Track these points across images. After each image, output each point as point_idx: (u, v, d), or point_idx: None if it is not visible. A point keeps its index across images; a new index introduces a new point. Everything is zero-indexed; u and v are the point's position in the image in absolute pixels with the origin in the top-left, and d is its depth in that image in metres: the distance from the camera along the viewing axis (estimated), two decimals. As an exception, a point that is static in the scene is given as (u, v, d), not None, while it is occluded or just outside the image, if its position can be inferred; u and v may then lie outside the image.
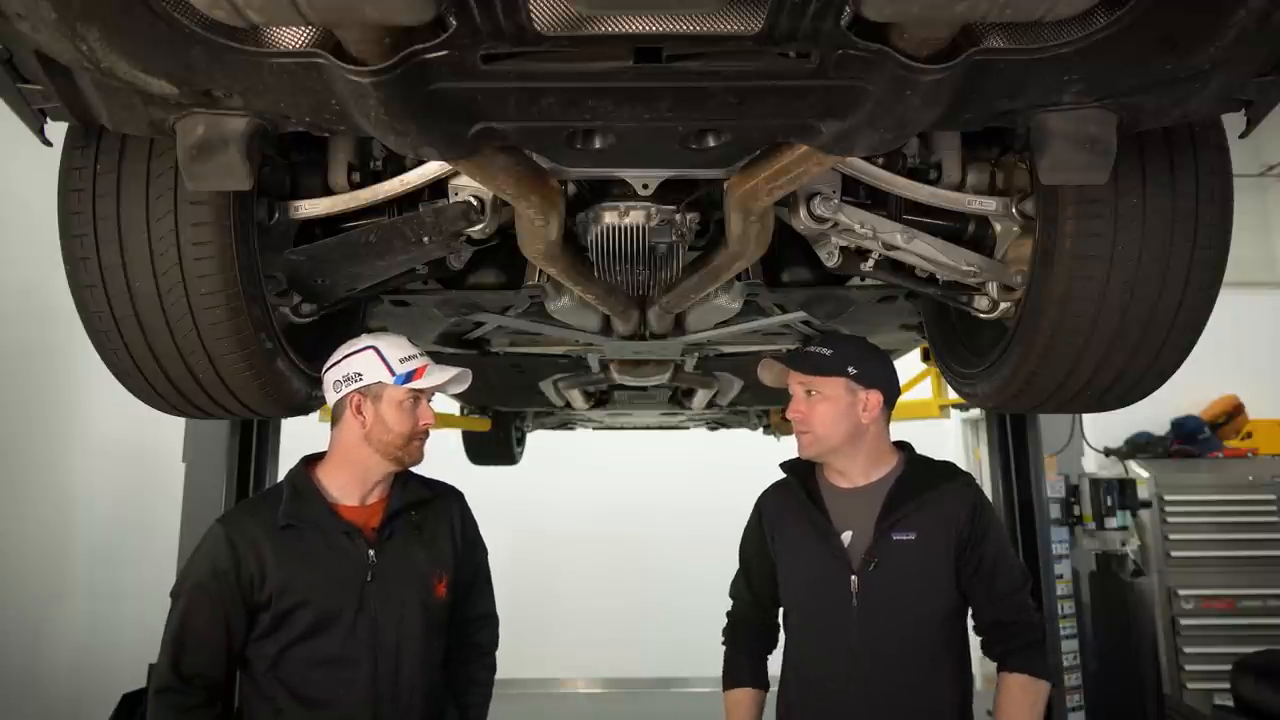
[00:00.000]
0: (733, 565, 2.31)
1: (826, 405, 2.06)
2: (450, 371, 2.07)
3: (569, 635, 8.00)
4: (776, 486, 2.26)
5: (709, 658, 2.48)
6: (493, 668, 2.26)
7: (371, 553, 1.99)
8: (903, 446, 2.19)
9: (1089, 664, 4.27)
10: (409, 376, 2.00)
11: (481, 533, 2.28)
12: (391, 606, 1.98)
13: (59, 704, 5.99)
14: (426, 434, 2.07)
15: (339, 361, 2.03)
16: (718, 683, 2.25)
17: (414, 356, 2.03)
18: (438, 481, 2.23)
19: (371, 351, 2.00)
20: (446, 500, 2.20)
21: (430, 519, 2.12)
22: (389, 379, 1.98)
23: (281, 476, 2.15)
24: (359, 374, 1.99)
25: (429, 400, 2.08)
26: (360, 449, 2.02)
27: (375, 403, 1.99)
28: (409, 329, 2.67)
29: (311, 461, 2.10)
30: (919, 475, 2.11)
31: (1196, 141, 1.69)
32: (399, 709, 1.96)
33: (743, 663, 2.22)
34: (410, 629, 2.00)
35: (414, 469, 2.14)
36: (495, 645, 2.28)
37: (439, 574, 2.08)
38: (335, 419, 2.05)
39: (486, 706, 2.24)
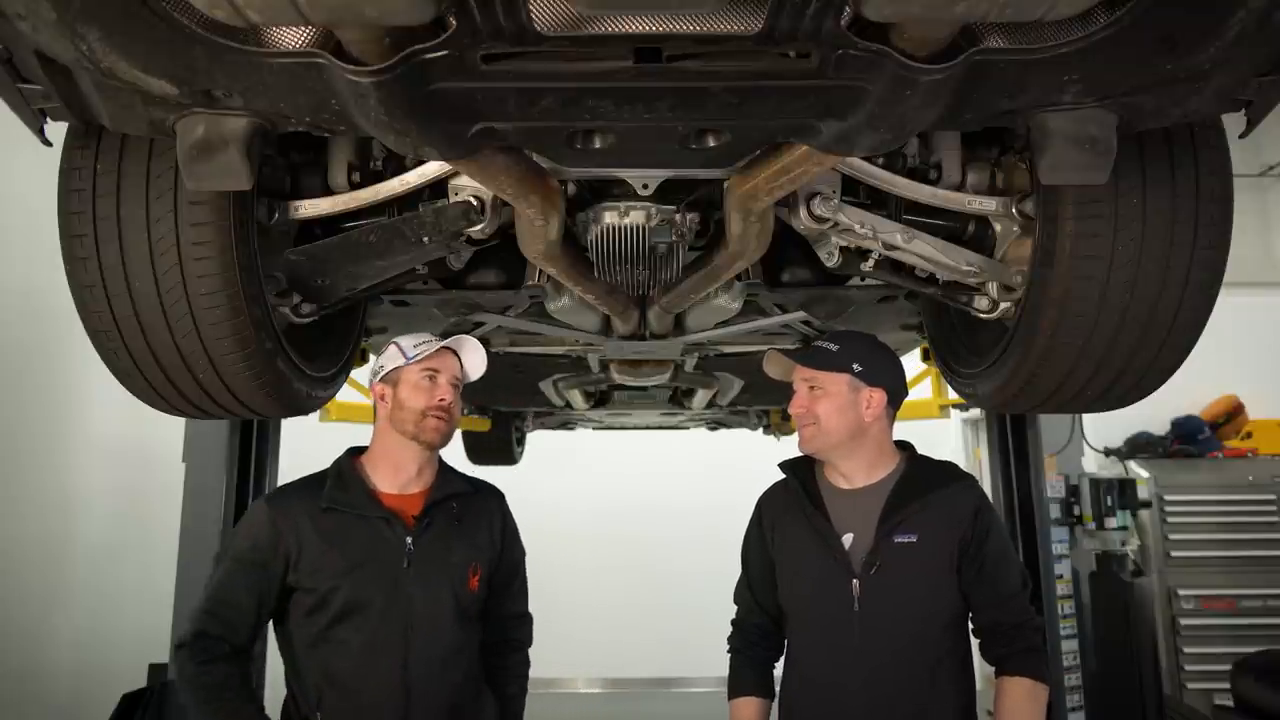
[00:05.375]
0: (732, 565, 2.30)
1: (828, 401, 2.04)
2: (456, 341, 2.19)
3: (569, 635, 7.98)
4: (776, 486, 2.24)
5: (709, 658, 2.48)
6: (528, 662, 2.36)
7: (409, 540, 2.06)
8: (904, 447, 2.17)
9: (1089, 664, 4.27)
10: (420, 358, 2.13)
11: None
12: (424, 595, 2.04)
13: (59, 704, 5.98)
14: (444, 414, 2.13)
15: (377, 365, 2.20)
16: (718, 683, 2.24)
17: (427, 342, 2.15)
18: (481, 480, 2.31)
19: (392, 345, 2.17)
20: (488, 497, 2.29)
21: (470, 513, 2.20)
22: (403, 361, 2.12)
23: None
24: (383, 366, 2.16)
25: (453, 385, 2.16)
26: (389, 434, 2.14)
27: (395, 387, 2.13)
28: (409, 329, 2.67)
29: (356, 452, 2.20)
30: (921, 476, 2.09)
31: (1196, 141, 1.69)
32: (429, 695, 2.02)
33: (748, 670, 2.20)
34: (442, 619, 2.06)
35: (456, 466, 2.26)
36: (530, 642, 2.37)
37: (474, 567, 2.14)
38: (375, 414, 2.20)
39: (523, 699, 2.32)
